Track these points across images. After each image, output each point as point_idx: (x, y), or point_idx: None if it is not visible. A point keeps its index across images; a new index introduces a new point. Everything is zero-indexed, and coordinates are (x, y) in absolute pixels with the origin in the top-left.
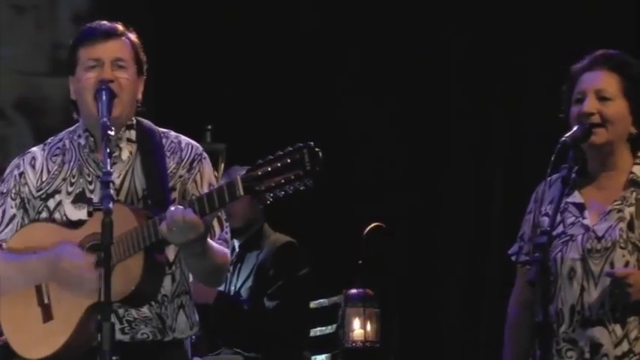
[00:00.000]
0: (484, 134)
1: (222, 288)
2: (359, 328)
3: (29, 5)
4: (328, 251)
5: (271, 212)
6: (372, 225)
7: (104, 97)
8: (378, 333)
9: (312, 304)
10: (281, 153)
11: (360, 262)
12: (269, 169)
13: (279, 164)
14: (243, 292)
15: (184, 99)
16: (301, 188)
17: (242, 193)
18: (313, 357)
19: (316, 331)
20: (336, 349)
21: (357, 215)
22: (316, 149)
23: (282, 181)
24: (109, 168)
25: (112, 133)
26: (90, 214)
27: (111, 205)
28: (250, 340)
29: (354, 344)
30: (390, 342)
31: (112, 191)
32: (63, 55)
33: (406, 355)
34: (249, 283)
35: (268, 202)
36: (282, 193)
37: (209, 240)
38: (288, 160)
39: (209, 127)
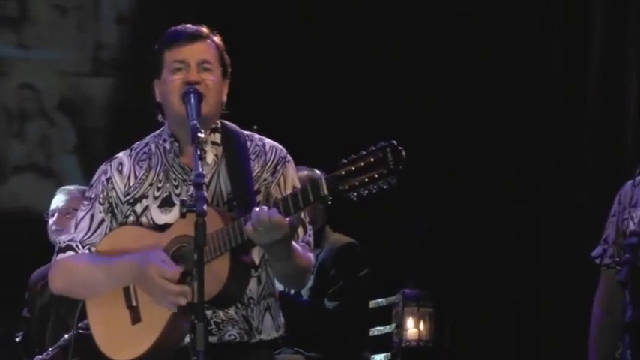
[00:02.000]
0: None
1: (282, 288)
2: (413, 328)
3: (72, 6)
4: (382, 251)
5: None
6: (426, 224)
7: (192, 100)
8: (432, 332)
9: (371, 304)
10: (364, 152)
11: (414, 261)
12: (353, 168)
13: (362, 163)
14: (304, 292)
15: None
16: (385, 187)
17: (326, 193)
18: (372, 356)
19: (374, 331)
20: (393, 349)
21: (411, 214)
22: (400, 148)
23: (366, 180)
24: (200, 170)
25: (202, 135)
26: (183, 215)
27: (205, 207)
28: (311, 339)
29: (408, 343)
30: (443, 341)
31: (205, 193)
32: (105, 56)
33: (460, 354)
34: (309, 283)
35: (353, 200)
36: (366, 192)
37: (293, 243)
38: (372, 160)
39: (254, 127)
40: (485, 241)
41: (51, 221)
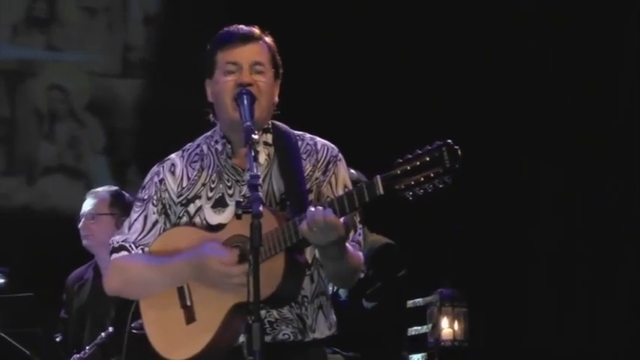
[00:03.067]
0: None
1: None
2: (447, 328)
3: (101, 7)
4: (417, 251)
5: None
6: (460, 224)
7: (246, 102)
8: (467, 332)
9: (408, 304)
10: (420, 151)
11: (449, 262)
12: (408, 167)
13: (418, 162)
14: (342, 292)
15: None
16: (440, 186)
17: (382, 192)
18: (410, 356)
19: (411, 331)
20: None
21: (446, 215)
22: (455, 147)
23: (422, 179)
24: (255, 171)
25: (256, 136)
26: (239, 216)
27: (261, 208)
28: (349, 339)
29: (443, 343)
30: (477, 341)
31: (260, 194)
32: (134, 57)
33: (494, 354)
34: None
35: (409, 200)
36: (422, 191)
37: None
38: (427, 159)
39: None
40: (519, 240)
41: (81, 225)
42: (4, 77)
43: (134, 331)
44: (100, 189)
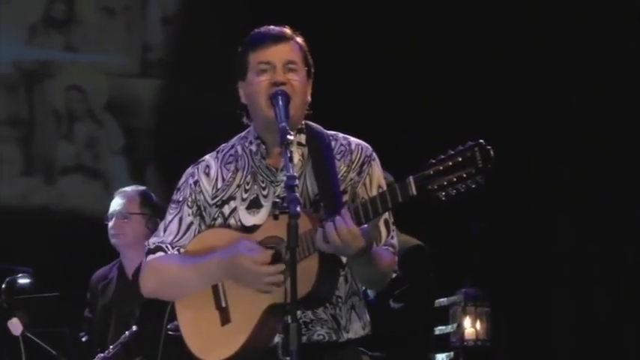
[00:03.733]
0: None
1: None
2: (470, 327)
3: (120, 7)
4: (439, 251)
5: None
6: (481, 224)
7: (281, 102)
8: (489, 331)
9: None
10: (452, 152)
11: (471, 261)
12: (441, 167)
13: (450, 163)
14: (370, 292)
15: None
16: (473, 186)
17: (415, 192)
18: (435, 356)
19: (436, 330)
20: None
21: (467, 215)
22: (487, 147)
23: (455, 179)
24: (292, 172)
25: (292, 137)
26: (276, 217)
27: (298, 208)
28: (375, 339)
29: (465, 343)
30: (500, 340)
31: (297, 195)
32: (152, 57)
33: (517, 353)
34: None
35: (442, 200)
36: (455, 191)
37: (374, 247)
38: (460, 159)
39: None
40: (541, 239)
41: (111, 224)
42: (23, 78)
43: (170, 333)
44: (128, 188)
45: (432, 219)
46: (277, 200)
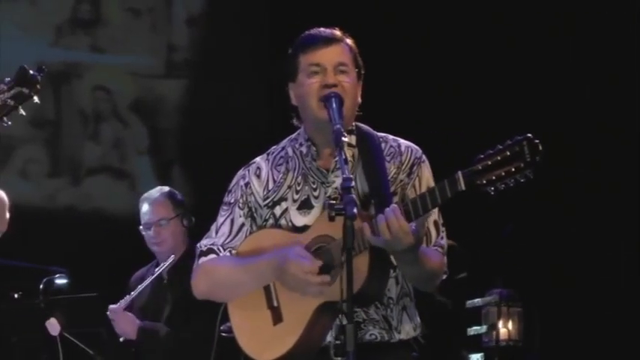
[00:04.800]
0: None
1: None
2: (502, 327)
3: (145, 8)
4: (471, 252)
5: None
6: (509, 225)
7: (334, 104)
8: (521, 332)
9: (467, 304)
10: (500, 146)
11: (501, 262)
12: (489, 162)
13: (499, 157)
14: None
15: None
16: (522, 180)
17: (463, 187)
18: (469, 356)
19: (471, 331)
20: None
21: (499, 215)
22: (536, 141)
23: (503, 173)
24: (347, 174)
25: (346, 139)
26: (332, 218)
27: (355, 210)
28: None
29: (498, 343)
30: (532, 341)
31: (354, 196)
32: (178, 57)
33: (550, 354)
34: None
35: (491, 194)
36: (503, 186)
37: (423, 247)
38: (508, 153)
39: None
40: (571, 238)
41: (149, 234)
42: (50, 79)
43: (223, 334)
44: (154, 193)
45: (463, 219)
46: (333, 202)
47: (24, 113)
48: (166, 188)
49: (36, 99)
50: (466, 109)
